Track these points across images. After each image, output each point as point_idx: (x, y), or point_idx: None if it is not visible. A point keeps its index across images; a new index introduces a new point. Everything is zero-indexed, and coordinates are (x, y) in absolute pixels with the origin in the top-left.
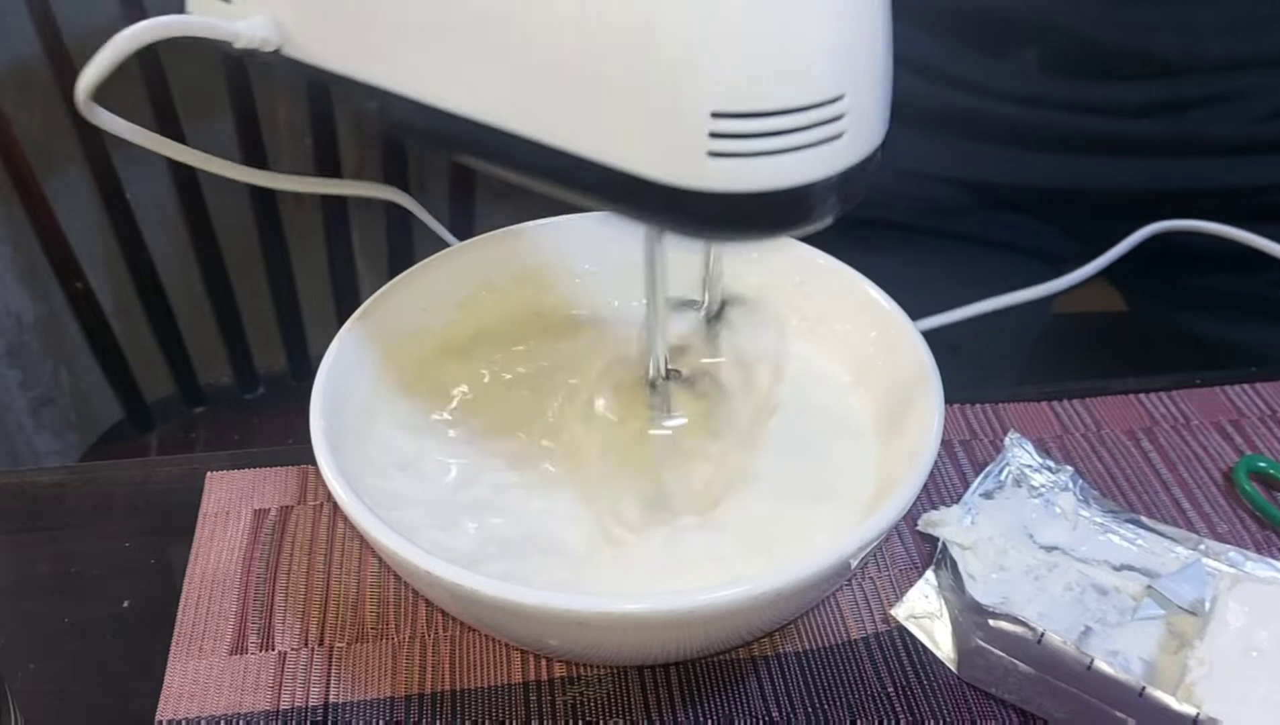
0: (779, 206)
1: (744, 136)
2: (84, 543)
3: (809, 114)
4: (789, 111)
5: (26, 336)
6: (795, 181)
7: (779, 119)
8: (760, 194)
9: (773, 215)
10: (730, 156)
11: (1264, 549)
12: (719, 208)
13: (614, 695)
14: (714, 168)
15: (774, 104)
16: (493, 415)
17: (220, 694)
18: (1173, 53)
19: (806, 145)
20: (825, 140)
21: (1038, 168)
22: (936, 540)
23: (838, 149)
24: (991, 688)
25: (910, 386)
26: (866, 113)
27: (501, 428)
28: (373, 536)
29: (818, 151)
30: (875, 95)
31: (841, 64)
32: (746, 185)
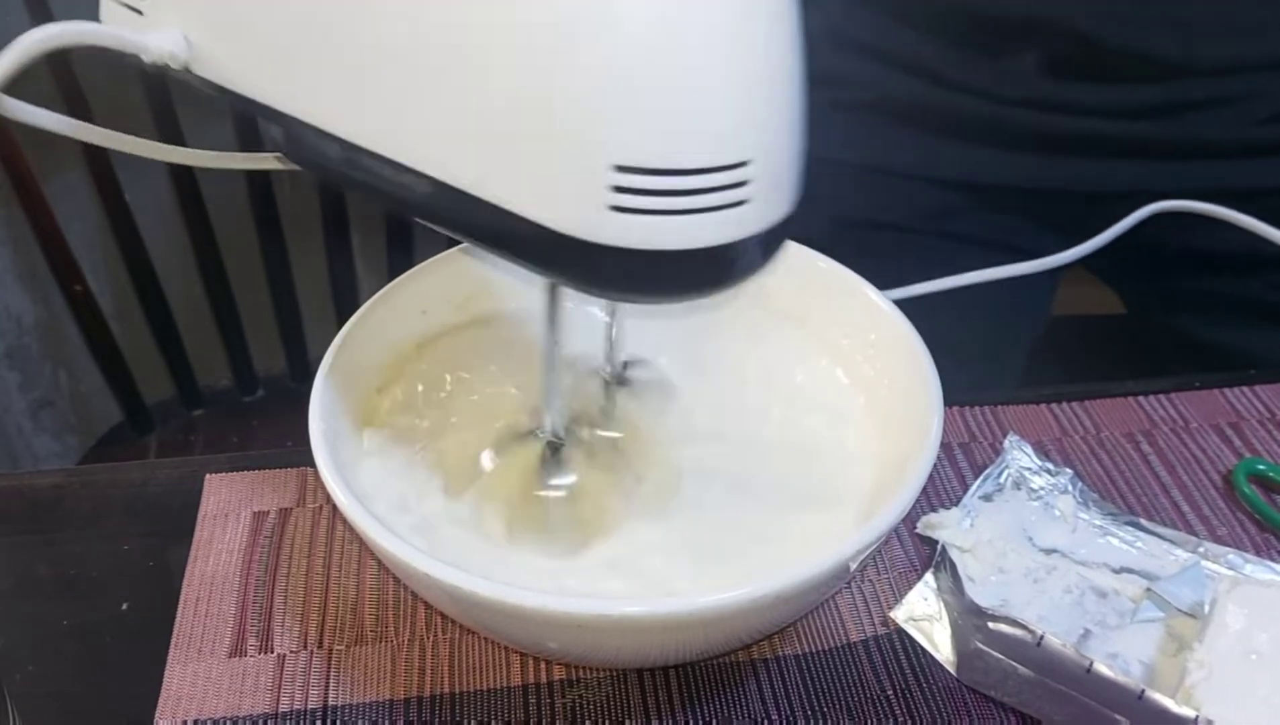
0: (679, 268)
1: (646, 193)
2: (83, 545)
3: (713, 176)
4: (693, 172)
5: (26, 339)
6: (696, 244)
7: (683, 178)
8: (661, 253)
9: (673, 276)
10: (632, 212)
11: (1263, 551)
12: (619, 264)
13: (613, 698)
14: (615, 222)
15: (678, 163)
16: (494, 418)
17: (219, 696)
18: (1171, 55)
19: (710, 207)
20: (730, 204)
21: (1036, 170)
22: (936, 543)
23: (743, 214)
24: (991, 690)
25: (909, 388)
26: (774, 179)
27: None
28: (372, 539)
29: (723, 215)
30: (784, 162)
31: (748, 129)
32: (647, 243)
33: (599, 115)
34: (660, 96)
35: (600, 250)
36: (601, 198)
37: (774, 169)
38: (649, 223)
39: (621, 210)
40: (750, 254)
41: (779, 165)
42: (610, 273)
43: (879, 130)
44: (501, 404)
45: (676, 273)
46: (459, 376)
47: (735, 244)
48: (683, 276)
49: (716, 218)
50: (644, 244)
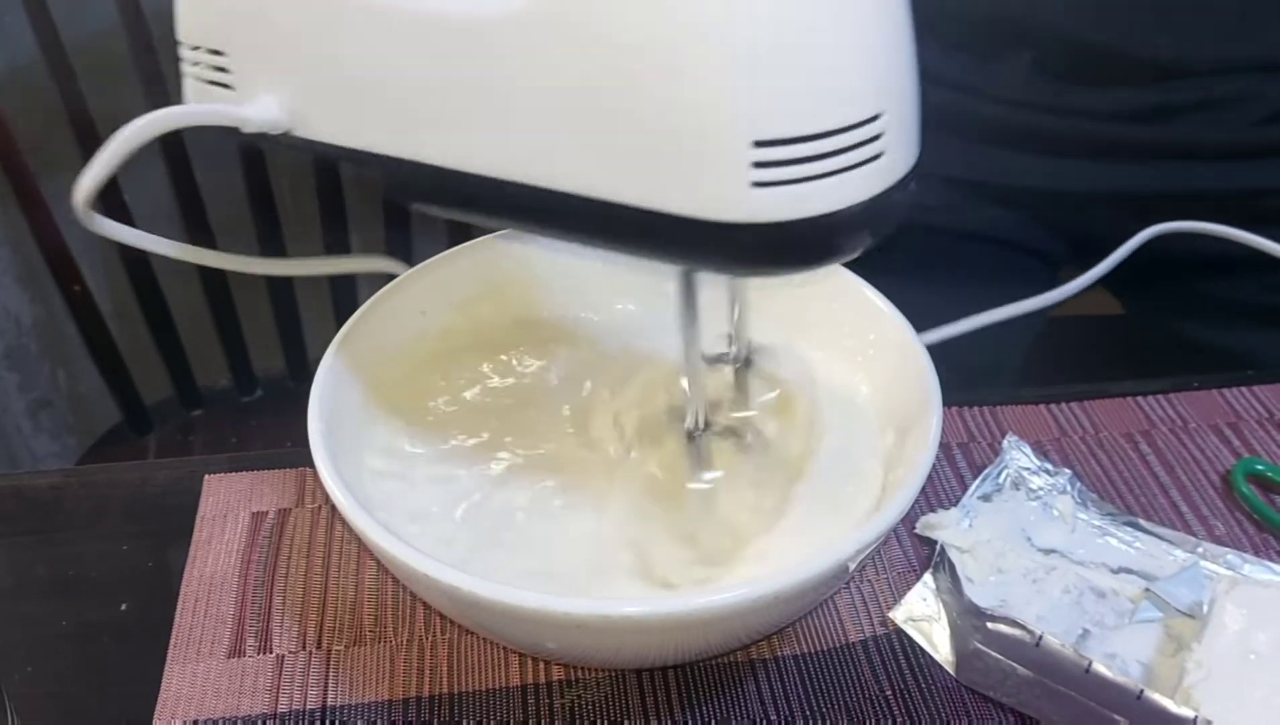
0: (823, 232)
1: (787, 163)
2: (82, 545)
3: (850, 134)
4: (830, 134)
5: (25, 339)
6: (839, 205)
7: (821, 142)
8: (805, 221)
9: (817, 242)
10: (774, 185)
11: (1262, 551)
12: (764, 239)
13: (612, 698)
14: (758, 198)
15: (815, 127)
16: (491, 420)
17: (218, 697)
18: (1165, 58)
19: (848, 167)
20: (867, 160)
21: (1031, 168)
22: (935, 543)
23: (879, 168)
24: (990, 690)
25: (908, 389)
26: (904, 130)
27: (500, 435)
28: (371, 539)
29: (860, 172)
30: (911, 111)
31: (878, 82)
32: (791, 213)
33: (731, 96)
34: (788, 64)
35: (746, 228)
36: (744, 176)
37: (904, 116)
38: (793, 192)
39: (764, 185)
40: (889, 205)
41: (908, 111)
42: (758, 249)
43: None
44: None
45: (824, 236)
46: (462, 376)
47: (876, 198)
48: (830, 239)
49: (858, 175)
50: (790, 214)
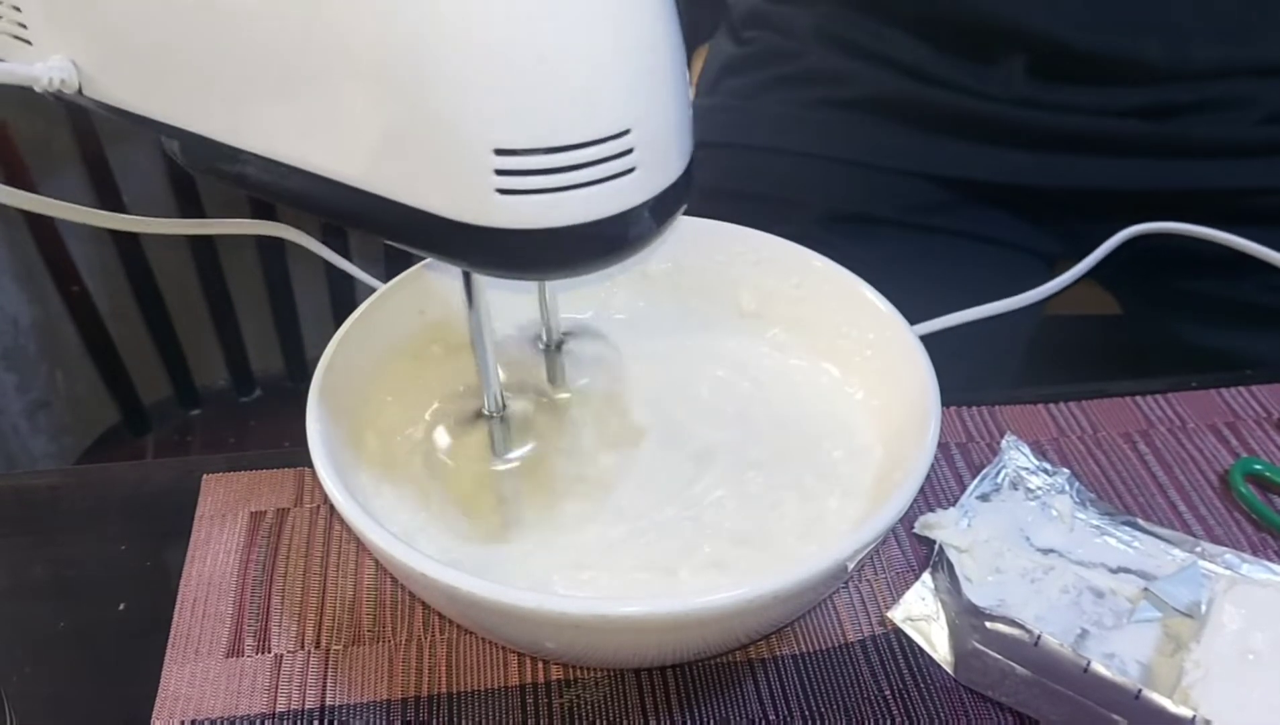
0: (572, 243)
1: (531, 173)
2: (79, 546)
3: (595, 149)
4: (574, 147)
5: (23, 339)
6: (587, 217)
7: (565, 155)
8: (555, 230)
9: (567, 251)
10: (518, 193)
11: (1260, 551)
12: (508, 245)
13: (611, 698)
14: (502, 204)
15: (559, 140)
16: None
17: (216, 697)
18: (1160, 59)
19: (597, 180)
20: (616, 175)
21: (1025, 167)
22: (933, 543)
23: (629, 183)
24: (988, 690)
25: (907, 389)
26: (661, 142)
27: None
28: (369, 539)
29: (610, 186)
30: (668, 125)
31: (627, 98)
32: (537, 222)
33: (474, 102)
34: (531, 76)
35: (491, 233)
36: (487, 182)
37: (657, 134)
38: (537, 201)
39: (508, 192)
40: (643, 222)
41: (662, 129)
42: (505, 254)
43: (869, 127)
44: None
45: (570, 248)
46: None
47: (626, 213)
48: (577, 251)
49: (604, 190)
50: (535, 223)
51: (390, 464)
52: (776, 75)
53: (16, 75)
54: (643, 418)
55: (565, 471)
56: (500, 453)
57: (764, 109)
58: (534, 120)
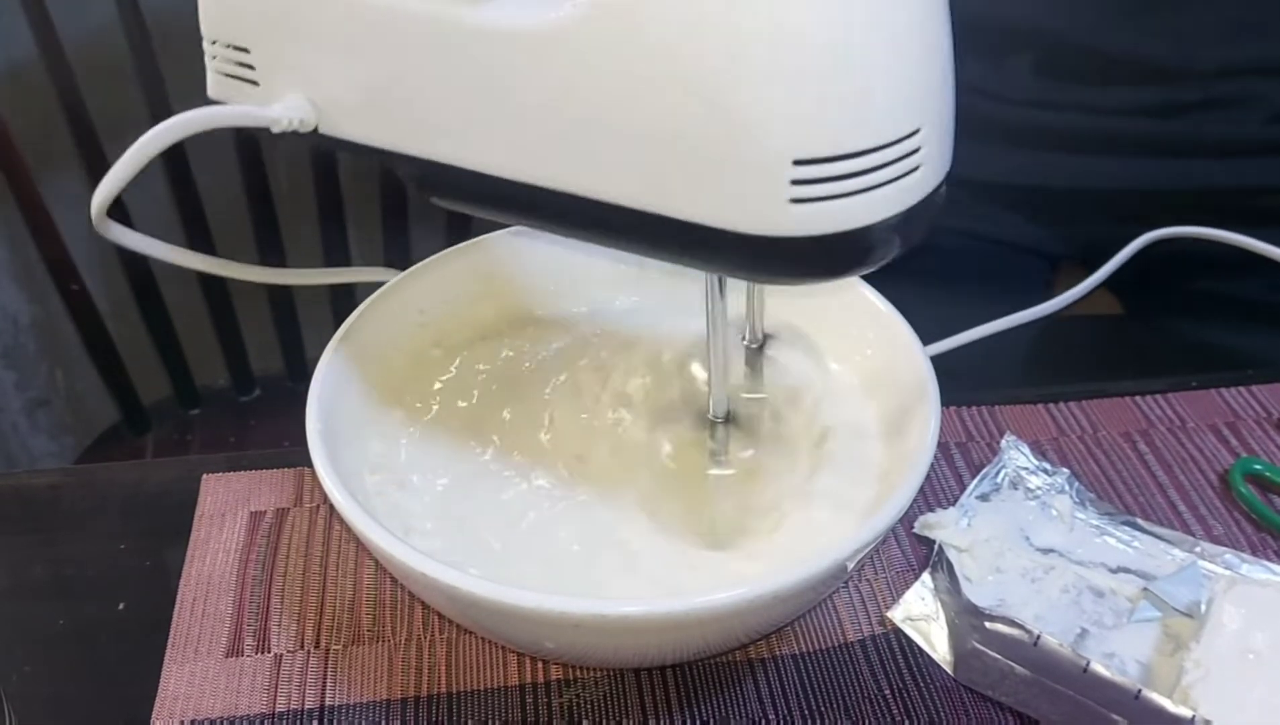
0: (859, 244)
1: (825, 180)
2: (79, 545)
3: (888, 151)
4: (870, 151)
5: (23, 338)
6: (875, 219)
7: (860, 159)
8: (842, 235)
9: (852, 253)
10: (812, 201)
11: (1260, 551)
12: (801, 252)
13: (610, 697)
14: (796, 214)
15: (855, 145)
16: (491, 418)
17: (216, 696)
18: (1168, 59)
19: (887, 181)
20: (904, 174)
21: (1031, 166)
22: (933, 543)
23: (915, 181)
24: (988, 690)
25: (907, 389)
26: (940, 141)
27: (500, 433)
28: (369, 539)
29: (897, 186)
30: (947, 122)
31: (917, 97)
32: (828, 227)
33: (771, 115)
34: (829, 83)
35: (784, 242)
36: (782, 193)
37: (941, 128)
38: (831, 207)
39: (803, 201)
40: (923, 216)
41: (945, 123)
42: (793, 261)
43: None
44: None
45: (859, 247)
46: (461, 375)
47: (912, 209)
48: (865, 250)
49: (895, 188)
50: (827, 228)
51: (390, 463)
52: None
53: (254, 117)
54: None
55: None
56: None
57: None
58: (832, 128)
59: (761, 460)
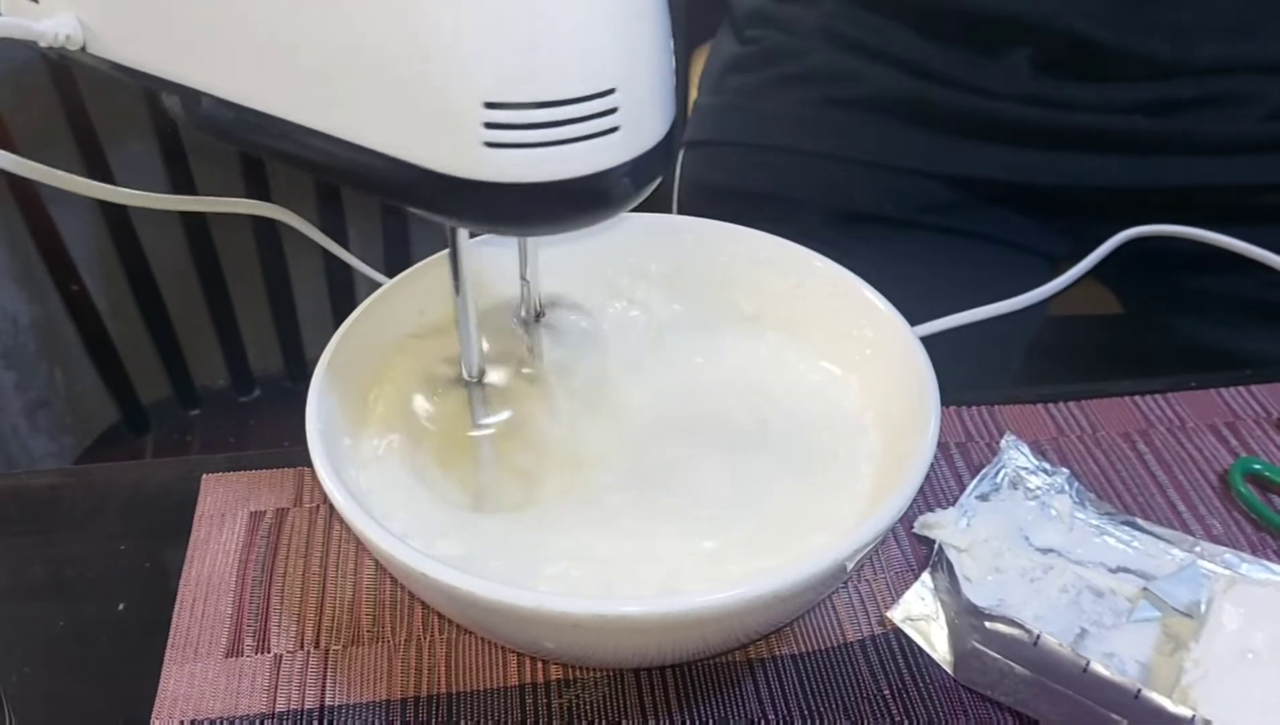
0: (557, 199)
1: (518, 127)
2: (79, 545)
3: (581, 105)
4: (561, 103)
5: (22, 338)
6: (570, 173)
7: (552, 110)
8: (539, 185)
9: (551, 207)
10: (506, 147)
11: (1259, 551)
12: (497, 199)
13: (610, 698)
14: (490, 158)
15: (546, 95)
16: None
17: (215, 697)
18: (1164, 55)
19: (581, 137)
20: (600, 132)
21: (1029, 164)
22: (933, 543)
23: (614, 141)
24: (988, 690)
25: (906, 388)
26: (643, 105)
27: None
28: (369, 538)
29: (594, 144)
30: (651, 88)
31: (614, 58)
32: (523, 176)
33: (466, 55)
34: (523, 30)
35: (478, 186)
36: (476, 135)
37: (641, 95)
38: (523, 156)
39: (496, 145)
40: (623, 182)
41: (646, 91)
42: (490, 208)
43: (873, 125)
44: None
45: (554, 203)
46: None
47: (609, 171)
48: (560, 207)
49: (588, 146)
50: (520, 177)
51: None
52: (781, 74)
53: (21, 30)
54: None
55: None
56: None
57: (769, 108)
58: (524, 75)
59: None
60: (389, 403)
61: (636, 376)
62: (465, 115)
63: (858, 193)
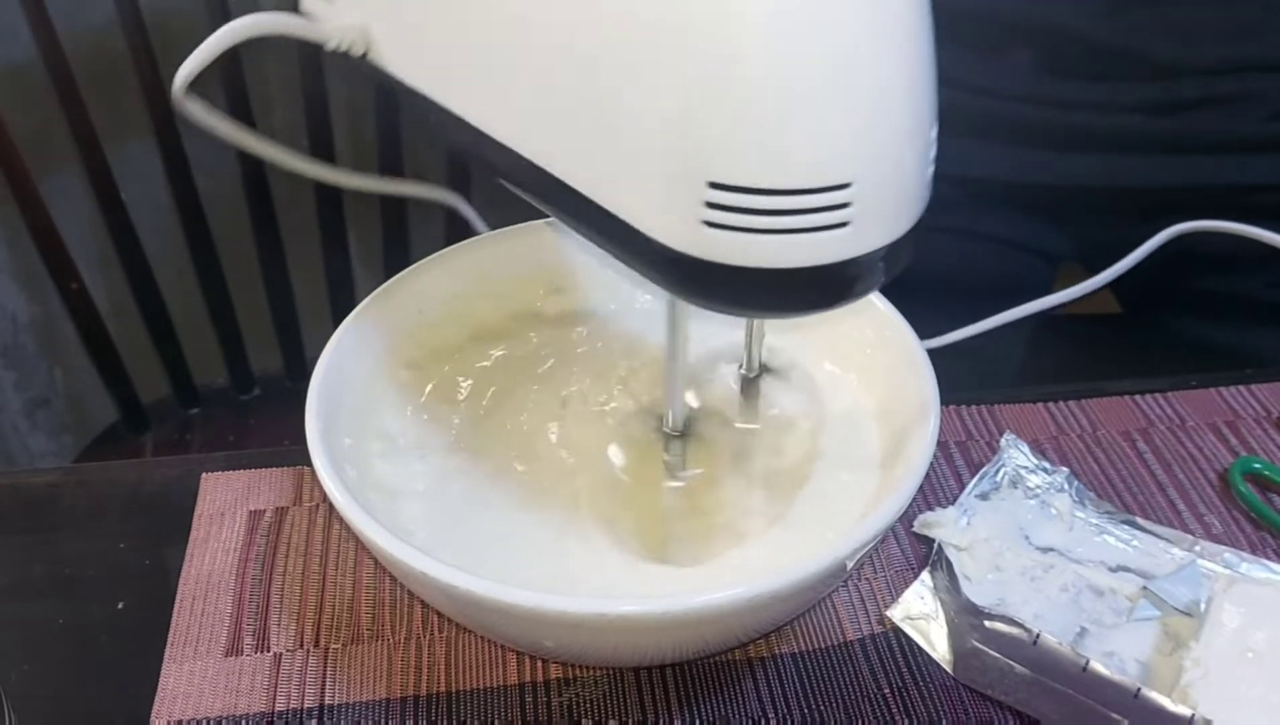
0: (779, 286)
1: (741, 211)
2: (78, 544)
3: (811, 197)
4: (789, 192)
5: (22, 337)
6: (794, 263)
7: (778, 198)
8: (757, 271)
9: (773, 293)
10: (726, 229)
11: (1259, 550)
12: (715, 278)
13: (610, 696)
14: (708, 237)
15: (774, 183)
16: (489, 418)
17: (215, 696)
18: (1168, 55)
19: (809, 228)
20: (830, 226)
21: (1031, 164)
22: (932, 542)
23: (845, 235)
24: (987, 689)
25: (906, 387)
26: (881, 200)
27: (498, 432)
28: (368, 538)
29: (822, 236)
30: (894, 182)
31: (850, 150)
32: (742, 260)
33: (696, 130)
34: (757, 115)
35: (694, 263)
36: (696, 212)
37: (881, 190)
38: (744, 240)
39: (715, 226)
40: (860, 272)
41: (887, 186)
42: (708, 286)
43: None
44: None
45: (777, 290)
46: (460, 374)
47: (839, 263)
48: (783, 294)
49: (815, 238)
50: (738, 260)
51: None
52: None
53: (308, 30)
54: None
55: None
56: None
57: None
58: (753, 160)
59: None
60: (390, 404)
61: (618, 383)
62: (687, 190)
63: None
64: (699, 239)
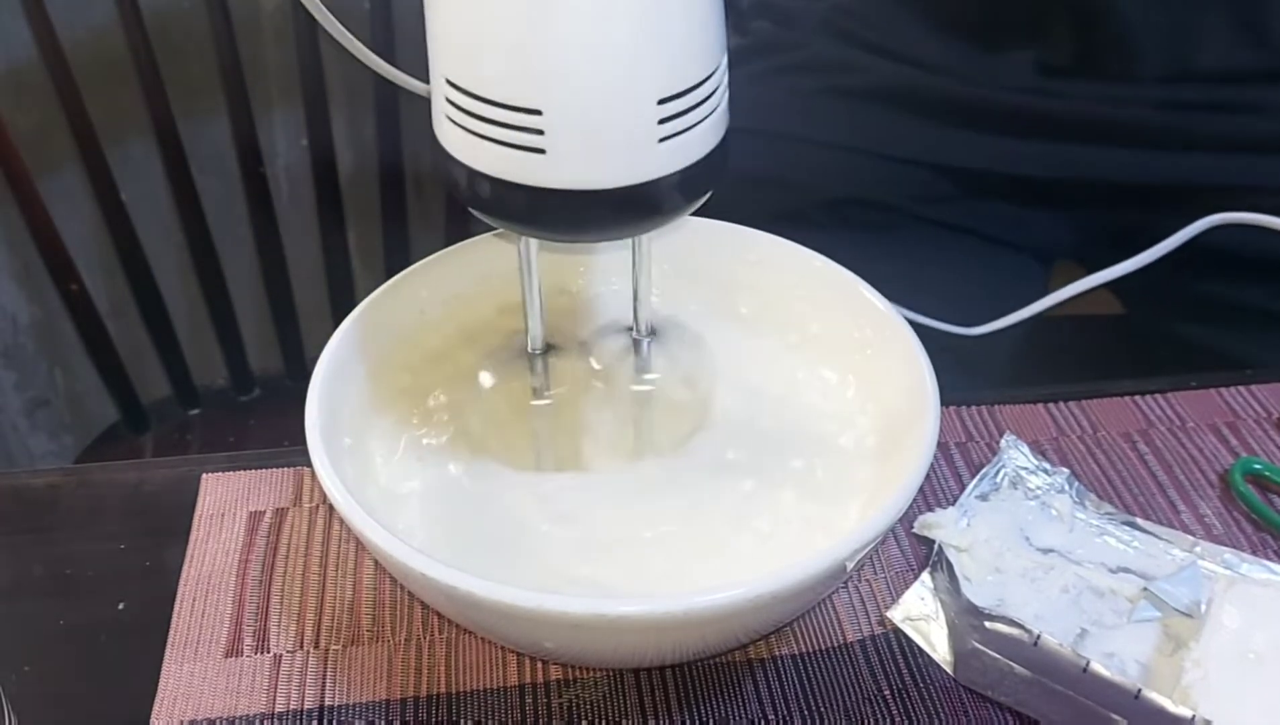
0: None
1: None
2: (78, 545)
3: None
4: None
5: (22, 338)
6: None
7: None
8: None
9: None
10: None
11: (1260, 551)
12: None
13: (610, 697)
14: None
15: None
16: (489, 418)
17: (215, 696)
18: (1167, 56)
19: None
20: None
21: (1032, 157)
22: (933, 542)
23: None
24: (988, 690)
25: (906, 388)
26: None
27: (498, 433)
28: (368, 538)
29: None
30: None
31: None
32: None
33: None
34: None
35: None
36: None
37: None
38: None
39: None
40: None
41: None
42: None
43: (874, 115)
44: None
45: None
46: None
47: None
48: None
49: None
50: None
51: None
52: (780, 64)
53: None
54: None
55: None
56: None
57: (767, 95)
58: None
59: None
60: (390, 404)
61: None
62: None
63: (856, 180)
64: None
